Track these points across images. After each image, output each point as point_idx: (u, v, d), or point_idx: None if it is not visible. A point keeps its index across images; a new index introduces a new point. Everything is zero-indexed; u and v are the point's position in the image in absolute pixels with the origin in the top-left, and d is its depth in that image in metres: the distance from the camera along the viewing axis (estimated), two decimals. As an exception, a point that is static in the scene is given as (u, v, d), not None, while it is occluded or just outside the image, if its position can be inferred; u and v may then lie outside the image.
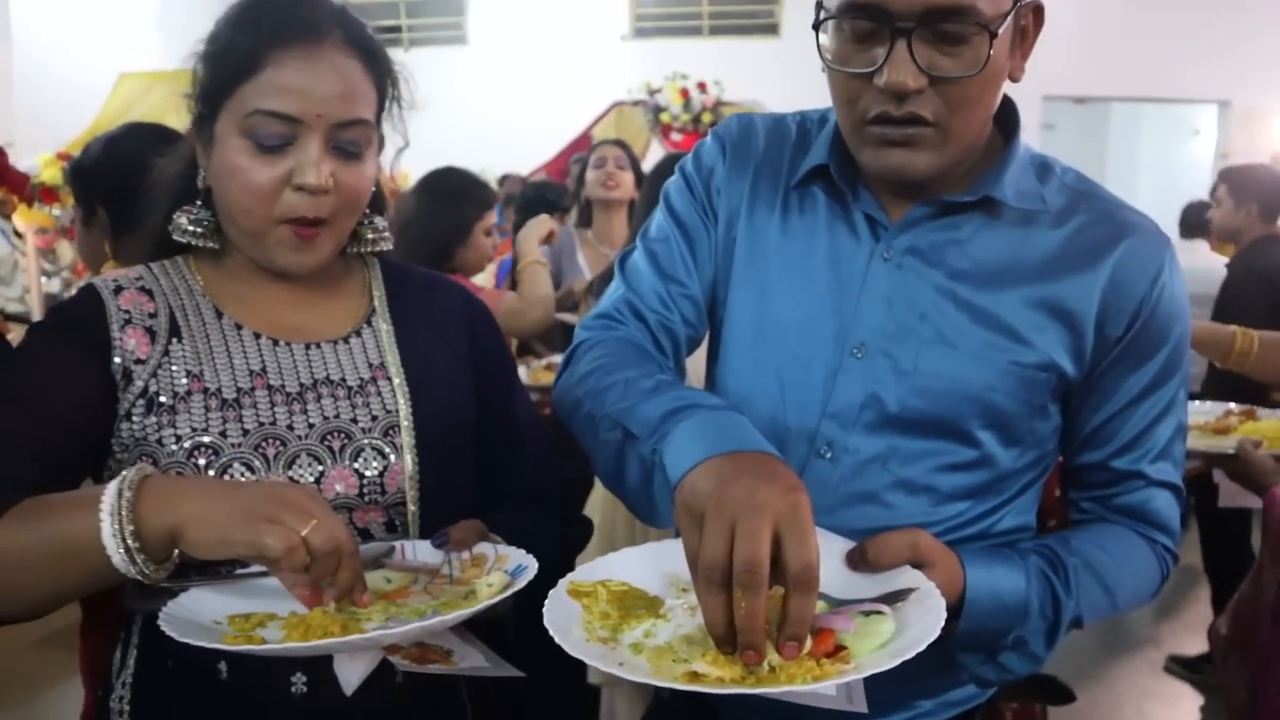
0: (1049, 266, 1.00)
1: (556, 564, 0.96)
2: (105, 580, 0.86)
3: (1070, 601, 0.98)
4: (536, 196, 4.30)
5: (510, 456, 1.17)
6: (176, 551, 0.85)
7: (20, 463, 0.88)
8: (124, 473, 0.85)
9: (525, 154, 7.50)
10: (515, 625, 1.09)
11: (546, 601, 0.82)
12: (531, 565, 0.92)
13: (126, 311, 1.02)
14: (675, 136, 7.90)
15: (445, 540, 0.98)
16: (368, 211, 1.11)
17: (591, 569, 0.88)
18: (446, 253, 2.68)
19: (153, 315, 1.03)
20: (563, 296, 3.22)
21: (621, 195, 3.31)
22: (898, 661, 0.73)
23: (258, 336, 1.06)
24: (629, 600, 0.86)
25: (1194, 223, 5.20)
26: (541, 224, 2.88)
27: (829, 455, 1.03)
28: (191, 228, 1.05)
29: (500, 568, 0.94)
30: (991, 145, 1.04)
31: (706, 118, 7.65)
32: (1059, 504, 1.15)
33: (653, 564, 0.92)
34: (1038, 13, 0.98)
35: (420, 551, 0.99)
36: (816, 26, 0.96)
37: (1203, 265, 4.89)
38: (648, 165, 3.36)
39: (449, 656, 0.93)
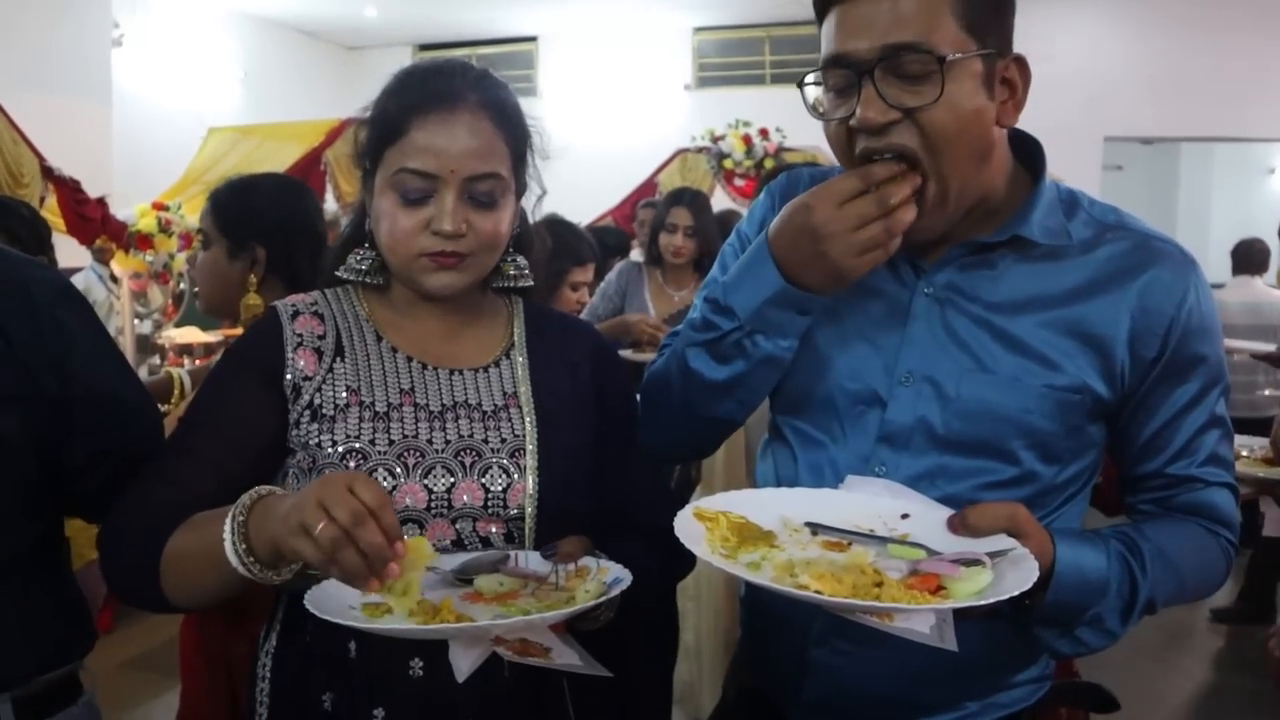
0: (1077, 295, 1.07)
1: (657, 585, 1.06)
2: (244, 581, 0.96)
3: (1145, 584, 1.05)
4: (598, 243, 4.47)
5: (627, 490, 1.24)
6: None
7: (203, 478, 1.00)
8: (244, 495, 0.96)
9: (594, 200, 7.69)
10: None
11: (676, 519, 0.94)
12: (627, 578, 1.01)
13: (299, 335, 1.16)
14: (738, 182, 7.99)
15: (554, 552, 1.06)
16: (511, 250, 1.23)
17: (714, 500, 0.99)
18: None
19: (321, 337, 1.17)
20: (615, 325, 3.39)
21: (685, 261, 3.60)
22: (988, 602, 0.83)
23: (410, 360, 1.19)
24: (746, 531, 0.97)
25: (1243, 258, 5.40)
26: None
27: (883, 473, 1.10)
28: (358, 266, 1.20)
29: (600, 579, 1.02)
30: (1020, 187, 1.12)
31: (768, 163, 7.72)
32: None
33: (769, 505, 1.03)
34: (1021, 65, 1.06)
35: (531, 561, 1.08)
36: (801, 85, 1.08)
37: (1261, 299, 5.23)
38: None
39: (548, 653, 1.00)
